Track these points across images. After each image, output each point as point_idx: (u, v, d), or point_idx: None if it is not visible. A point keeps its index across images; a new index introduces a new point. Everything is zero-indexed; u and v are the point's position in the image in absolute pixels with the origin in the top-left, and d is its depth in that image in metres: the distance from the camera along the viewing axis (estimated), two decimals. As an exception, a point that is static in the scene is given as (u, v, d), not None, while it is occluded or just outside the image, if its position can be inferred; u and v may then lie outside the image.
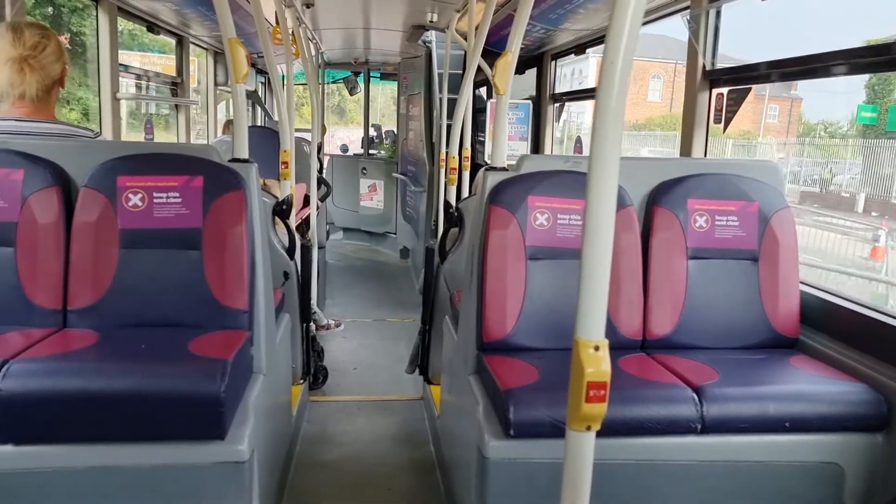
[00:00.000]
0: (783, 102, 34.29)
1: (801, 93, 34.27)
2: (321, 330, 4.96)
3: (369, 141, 9.47)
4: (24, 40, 2.27)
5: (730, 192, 2.52)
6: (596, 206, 1.14)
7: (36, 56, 2.28)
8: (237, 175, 2.33)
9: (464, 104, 3.87)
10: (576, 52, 5.20)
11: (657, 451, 2.01)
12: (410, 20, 5.46)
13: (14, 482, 1.86)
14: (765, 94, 31.93)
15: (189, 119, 5.74)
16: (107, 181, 2.27)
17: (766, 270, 2.48)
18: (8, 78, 2.26)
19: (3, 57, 2.25)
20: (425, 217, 6.65)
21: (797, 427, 2.02)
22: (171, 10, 4.50)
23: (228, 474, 1.93)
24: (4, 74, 2.26)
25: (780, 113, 34.67)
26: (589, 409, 1.17)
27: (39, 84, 2.29)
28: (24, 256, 2.20)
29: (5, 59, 2.25)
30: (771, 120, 33.76)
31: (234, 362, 1.98)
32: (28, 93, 2.29)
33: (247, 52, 2.45)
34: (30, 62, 2.27)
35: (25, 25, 2.32)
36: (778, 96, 33.55)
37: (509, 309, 2.37)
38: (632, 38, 1.11)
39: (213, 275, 2.26)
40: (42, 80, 2.30)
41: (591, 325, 1.17)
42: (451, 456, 2.80)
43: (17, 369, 1.82)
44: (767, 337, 2.46)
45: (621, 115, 1.14)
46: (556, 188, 2.44)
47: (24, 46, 2.26)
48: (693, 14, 3.34)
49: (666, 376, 2.15)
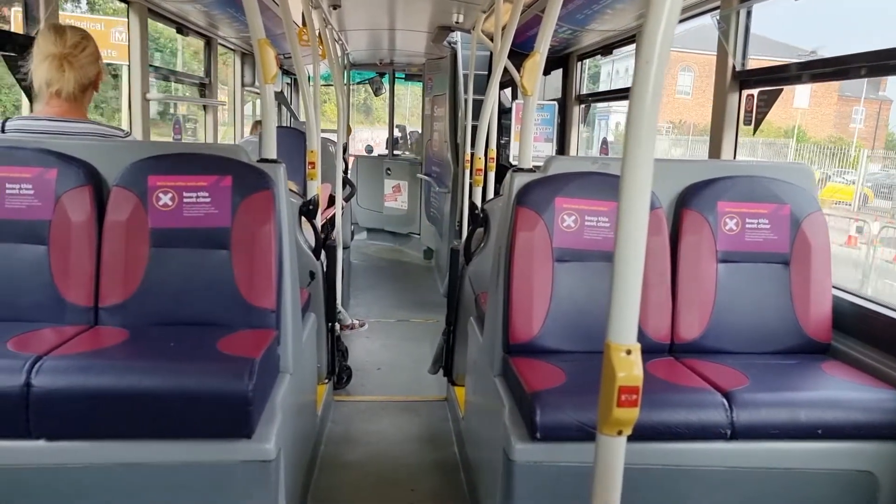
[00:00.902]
0: (870, 105, 30.24)
1: (890, 93, 30.46)
2: (345, 330, 4.98)
3: (394, 142, 9.49)
4: (66, 40, 2.31)
5: (761, 194, 2.48)
6: (629, 210, 1.13)
7: (76, 55, 2.32)
8: (265, 175, 2.35)
9: (490, 105, 3.86)
10: (602, 52, 5.16)
11: (686, 456, 1.99)
12: (436, 21, 5.46)
13: (45, 477, 1.89)
14: (853, 95, 29.05)
15: (216, 119, 5.80)
16: (138, 180, 2.29)
17: (797, 274, 2.44)
18: (46, 74, 2.30)
19: (43, 54, 2.30)
20: (449, 218, 6.64)
21: (829, 434, 1.99)
22: (200, 11, 4.55)
23: (255, 473, 1.95)
24: (43, 70, 2.30)
25: (867, 117, 30.36)
26: (620, 414, 1.16)
27: (77, 82, 2.33)
28: (57, 254, 2.23)
29: (45, 56, 2.29)
30: (857, 125, 30.05)
31: (262, 361, 1.99)
32: (65, 90, 2.33)
33: (275, 54, 2.47)
34: (69, 60, 2.31)
35: (67, 27, 2.37)
36: (856, 96, 30.09)
37: (536, 311, 2.36)
38: (667, 37, 1.09)
39: (241, 274, 2.28)
40: (79, 78, 2.34)
41: (622, 329, 1.16)
42: (476, 458, 2.79)
43: (50, 366, 1.85)
44: (798, 342, 2.42)
45: (655, 117, 1.12)
46: (583, 190, 2.42)
47: (64, 45, 2.31)
48: (723, 14, 3.30)
49: (695, 381, 2.13)
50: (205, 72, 5.67)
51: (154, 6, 4.11)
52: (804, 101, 31.02)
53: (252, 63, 6.62)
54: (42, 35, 2.33)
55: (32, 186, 2.23)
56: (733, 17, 3.25)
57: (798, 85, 3.13)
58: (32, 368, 1.82)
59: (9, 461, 1.86)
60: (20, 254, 2.22)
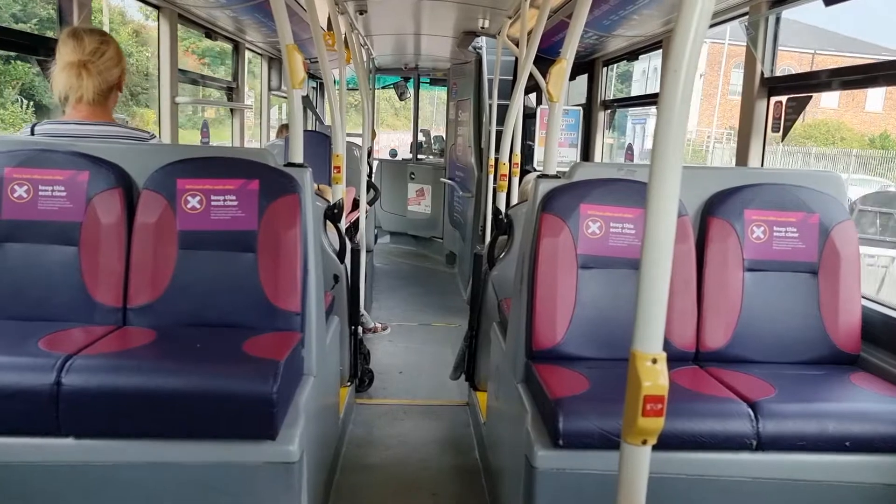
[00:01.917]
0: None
1: None
2: (368, 333, 5.00)
3: (418, 146, 9.52)
4: (84, 46, 2.34)
5: (789, 202, 2.45)
6: (656, 218, 1.12)
7: (94, 61, 2.35)
8: (292, 179, 2.37)
9: (515, 110, 3.86)
10: (627, 58, 5.14)
11: (711, 466, 1.97)
12: (461, 26, 5.47)
13: (73, 474, 1.92)
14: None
15: (243, 123, 5.86)
16: (167, 183, 2.33)
17: (826, 284, 2.41)
18: (66, 81, 2.34)
19: (63, 61, 2.34)
20: (472, 222, 6.65)
21: (858, 447, 1.95)
22: (229, 17, 4.60)
23: (278, 474, 1.96)
24: (63, 78, 2.34)
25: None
26: (645, 423, 1.15)
27: (96, 88, 2.36)
28: (88, 256, 2.27)
29: (65, 63, 2.33)
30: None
31: (286, 364, 2.01)
32: (85, 96, 2.36)
33: (303, 59, 2.49)
34: (88, 66, 2.34)
35: (86, 31, 2.40)
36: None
37: (559, 317, 2.35)
38: (696, 44, 1.09)
39: (267, 277, 2.30)
40: (99, 84, 2.37)
41: (648, 338, 1.15)
42: (498, 463, 2.79)
43: (80, 365, 1.88)
44: (826, 352, 2.39)
45: (684, 124, 1.12)
46: (609, 196, 2.41)
47: (83, 52, 2.34)
48: (752, 20, 3.27)
49: (720, 390, 2.11)
50: (232, 76, 5.73)
51: (184, 11, 4.17)
52: (877, 105, 28.79)
53: (279, 67, 6.69)
54: (61, 41, 2.36)
55: (65, 188, 2.27)
56: (762, 24, 3.22)
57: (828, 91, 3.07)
58: (63, 367, 1.86)
59: (38, 458, 1.90)
60: (52, 254, 2.27)
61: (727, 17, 3.54)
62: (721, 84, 28.48)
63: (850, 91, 23.97)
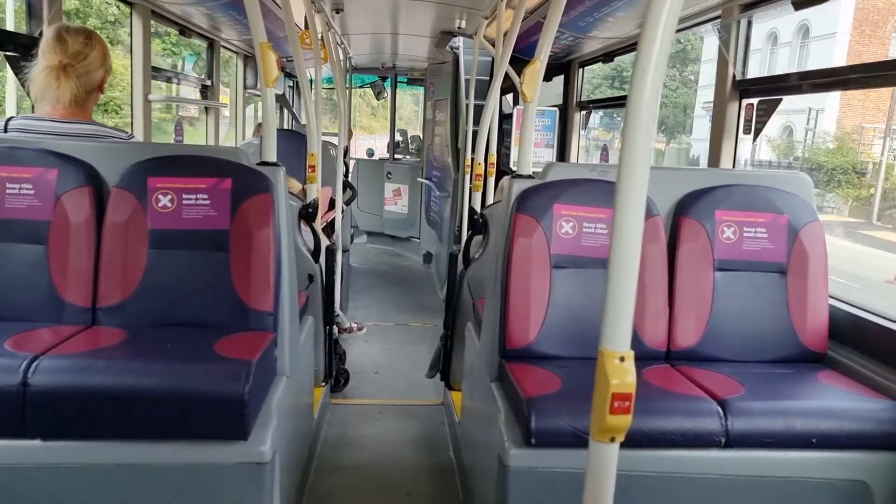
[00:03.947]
0: None
1: None
2: (343, 333, 4.98)
3: (395, 146, 9.51)
4: (67, 47, 2.31)
5: (759, 203, 2.49)
6: (624, 217, 1.13)
7: (74, 65, 2.32)
8: (265, 178, 2.35)
9: (490, 111, 3.87)
10: (603, 59, 5.18)
11: (680, 464, 1.99)
12: (439, 26, 5.48)
13: (40, 477, 1.89)
14: None
15: (218, 121, 5.81)
16: (137, 182, 2.30)
17: (794, 284, 2.45)
18: (44, 83, 2.31)
19: (43, 62, 2.30)
20: (449, 222, 6.66)
21: (824, 444, 1.99)
22: (203, 14, 4.56)
23: (250, 475, 1.95)
24: (41, 80, 2.31)
25: None
26: (613, 421, 1.16)
27: (73, 91, 2.33)
28: (56, 254, 2.24)
29: (44, 65, 2.30)
30: None
31: (259, 364, 1.99)
32: (61, 99, 2.33)
33: (277, 57, 2.48)
34: (67, 70, 2.31)
35: (72, 32, 2.35)
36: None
37: (533, 317, 2.36)
38: (664, 46, 1.10)
39: (239, 276, 2.28)
40: (77, 87, 2.33)
41: (616, 336, 1.16)
42: (472, 462, 2.79)
43: (47, 365, 1.85)
44: (794, 351, 2.43)
45: (652, 125, 1.13)
46: (582, 197, 2.43)
47: (64, 54, 2.30)
48: (724, 23, 3.32)
49: (690, 389, 2.13)
50: (207, 74, 5.68)
51: (157, 8, 4.12)
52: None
53: (254, 65, 6.64)
54: (45, 40, 2.32)
55: (33, 186, 2.24)
56: (734, 27, 3.27)
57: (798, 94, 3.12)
58: (30, 368, 1.83)
59: (4, 460, 1.87)
60: (19, 253, 2.23)
61: (699, 20, 3.59)
62: (867, 55, 20.34)
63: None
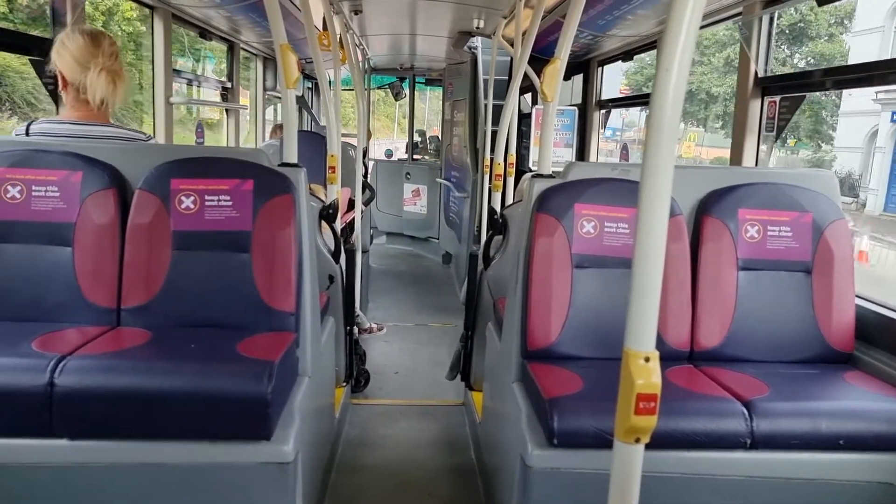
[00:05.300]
0: None
1: None
2: (363, 333, 4.99)
3: (413, 146, 9.52)
4: (104, 48, 2.34)
5: (783, 202, 2.46)
6: (648, 217, 1.13)
7: (115, 64, 2.36)
8: (287, 179, 2.37)
9: (510, 110, 3.86)
10: (623, 58, 5.15)
11: (705, 465, 1.97)
12: (457, 26, 5.48)
13: (66, 476, 1.92)
14: None
15: (238, 123, 5.85)
16: (161, 184, 2.32)
17: (819, 283, 2.42)
18: (104, 87, 2.33)
19: (82, 63, 2.31)
20: (468, 222, 6.65)
21: (851, 445, 1.96)
22: (224, 17, 4.60)
23: (273, 475, 1.96)
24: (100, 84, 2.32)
25: None
26: (638, 422, 1.15)
27: (122, 98, 2.39)
28: (82, 256, 2.27)
29: (99, 69, 2.31)
30: None
31: (281, 364, 2.01)
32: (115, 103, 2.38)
33: (297, 59, 2.49)
34: (117, 72, 2.35)
35: (101, 33, 2.39)
36: None
37: (554, 317, 2.35)
38: (688, 43, 1.09)
39: (261, 277, 2.30)
40: (125, 91, 2.39)
41: (641, 336, 1.16)
42: (493, 463, 2.79)
43: (73, 366, 1.88)
44: (820, 351, 2.40)
45: (676, 124, 1.12)
46: (603, 196, 2.41)
47: (105, 55, 2.33)
48: (745, 20, 3.28)
49: (714, 389, 2.11)
50: (227, 76, 5.73)
51: (178, 11, 4.16)
52: None
53: (274, 67, 6.68)
54: (72, 40, 2.33)
55: (58, 189, 2.27)
56: (755, 24, 3.23)
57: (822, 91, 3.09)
58: (56, 368, 1.85)
59: (31, 459, 1.90)
60: (45, 255, 2.26)
61: (721, 16, 3.55)
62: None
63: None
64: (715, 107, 29.47)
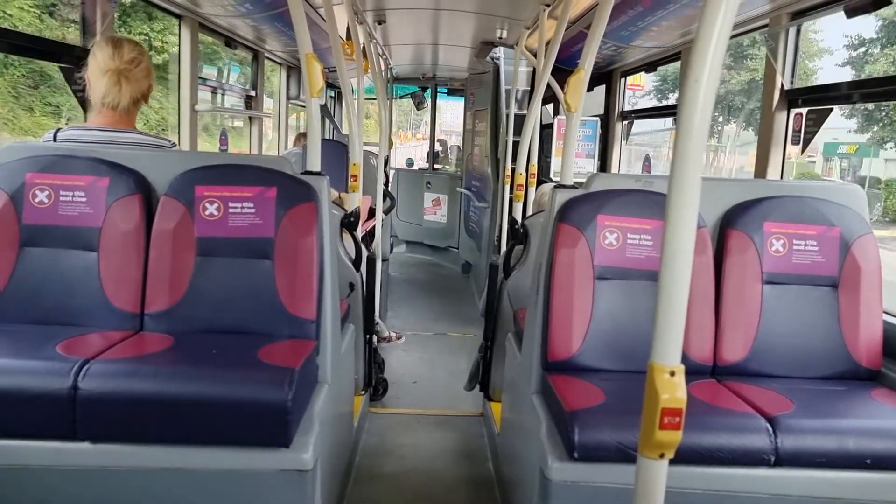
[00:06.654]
0: None
1: None
2: (382, 342, 5.00)
3: (434, 155, 9.55)
4: (123, 54, 2.39)
5: (809, 215, 2.43)
6: (675, 229, 1.11)
7: (132, 70, 2.40)
8: (310, 187, 2.38)
9: (532, 121, 3.86)
10: (646, 69, 5.13)
11: (728, 481, 1.94)
12: (480, 36, 5.49)
13: (88, 478, 1.93)
14: None
15: (262, 131, 5.90)
16: (185, 190, 2.34)
17: (846, 298, 2.38)
18: (105, 88, 2.38)
19: (101, 68, 2.37)
20: (488, 232, 6.64)
21: (879, 464, 1.92)
22: (249, 26, 4.65)
23: (292, 482, 1.96)
24: (102, 85, 2.38)
25: None
26: (663, 437, 1.14)
27: (132, 97, 2.41)
28: (107, 261, 2.29)
29: (104, 71, 2.37)
30: None
31: (301, 371, 2.01)
32: (121, 104, 2.40)
33: (322, 68, 2.50)
34: (126, 75, 2.39)
35: (125, 41, 2.44)
36: None
37: (575, 328, 2.33)
38: (717, 54, 1.08)
39: (283, 284, 2.31)
40: (133, 93, 2.42)
41: (667, 350, 1.14)
42: (511, 475, 2.77)
43: (97, 370, 1.89)
44: (846, 368, 2.35)
45: (704, 135, 1.11)
46: (626, 207, 2.40)
47: (121, 60, 2.38)
48: (772, 32, 3.26)
49: (738, 404, 2.08)
50: (251, 84, 5.78)
51: (204, 20, 4.22)
52: None
53: (297, 76, 6.74)
54: (99, 48, 2.40)
55: (85, 194, 2.30)
56: (782, 36, 3.21)
57: (849, 104, 3.06)
58: (80, 372, 1.87)
59: (54, 462, 1.91)
60: (71, 259, 2.29)
61: (747, 28, 3.53)
62: None
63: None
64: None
